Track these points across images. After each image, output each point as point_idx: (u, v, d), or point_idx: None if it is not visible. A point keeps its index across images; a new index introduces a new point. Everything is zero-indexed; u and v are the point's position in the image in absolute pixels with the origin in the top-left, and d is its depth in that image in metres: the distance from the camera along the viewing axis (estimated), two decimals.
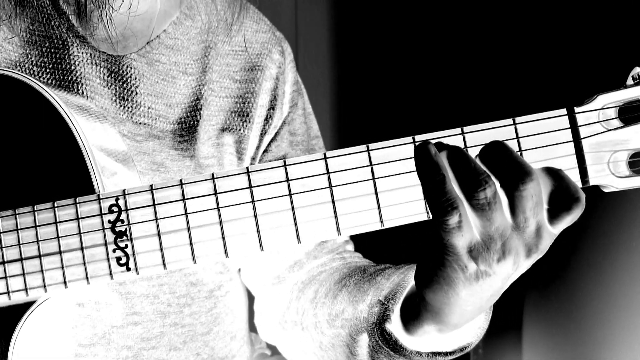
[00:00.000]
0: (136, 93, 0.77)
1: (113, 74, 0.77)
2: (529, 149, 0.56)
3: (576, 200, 0.52)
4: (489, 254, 0.53)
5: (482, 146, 0.54)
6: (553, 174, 0.53)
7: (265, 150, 0.86)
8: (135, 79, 0.77)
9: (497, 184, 0.52)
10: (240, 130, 0.83)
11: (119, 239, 0.60)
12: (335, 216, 0.57)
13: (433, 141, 0.55)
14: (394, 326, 0.64)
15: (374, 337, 0.67)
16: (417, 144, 0.53)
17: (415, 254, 0.77)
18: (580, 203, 0.52)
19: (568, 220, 0.53)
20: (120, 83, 0.77)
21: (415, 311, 0.60)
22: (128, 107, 0.77)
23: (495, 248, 0.53)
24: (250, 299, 0.91)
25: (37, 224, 0.61)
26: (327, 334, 0.74)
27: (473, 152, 0.56)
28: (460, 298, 0.55)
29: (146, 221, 0.60)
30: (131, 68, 0.77)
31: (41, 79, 0.74)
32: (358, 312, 0.70)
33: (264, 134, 0.85)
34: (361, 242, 0.89)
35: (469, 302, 0.56)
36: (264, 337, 0.89)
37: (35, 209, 0.61)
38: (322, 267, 0.82)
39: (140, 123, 0.77)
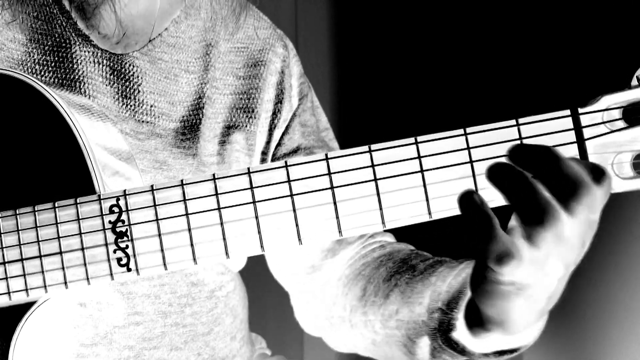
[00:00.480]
0: (139, 91, 0.77)
1: (115, 72, 0.77)
2: None
3: (603, 176, 0.52)
4: (537, 270, 0.52)
5: (482, 146, 0.54)
6: (595, 170, 0.52)
7: (279, 144, 0.85)
8: (138, 77, 0.77)
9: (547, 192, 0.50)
10: (246, 126, 0.83)
11: (119, 240, 0.60)
12: (337, 217, 0.57)
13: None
14: (460, 333, 0.63)
15: (436, 341, 0.66)
16: (467, 191, 0.50)
17: (431, 246, 0.76)
18: (608, 177, 0.51)
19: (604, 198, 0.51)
20: (123, 81, 0.77)
21: (479, 320, 0.59)
22: (130, 105, 0.77)
23: (545, 261, 0.52)
24: (251, 299, 0.91)
25: (38, 225, 0.61)
26: (380, 333, 0.74)
27: (477, 154, 0.56)
28: (517, 306, 0.54)
29: (147, 222, 0.59)
30: (133, 66, 0.77)
31: (43, 77, 0.74)
32: (415, 315, 0.69)
33: (273, 128, 0.85)
34: None
35: (529, 310, 0.55)
36: (308, 330, 0.88)
37: (36, 209, 0.61)
38: (364, 258, 0.81)
39: (142, 121, 0.77)
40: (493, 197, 0.54)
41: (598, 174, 0.52)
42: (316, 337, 0.88)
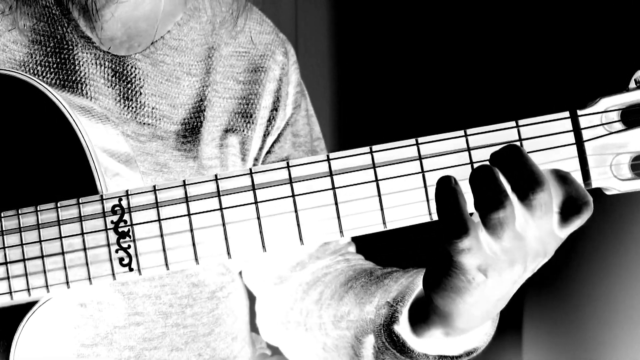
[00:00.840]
0: (140, 93, 0.77)
1: (117, 74, 0.77)
2: (532, 151, 0.56)
3: (585, 204, 0.52)
4: (497, 264, 0.53)
5: (482, 147, 0.54)
6: (562, 178, 0.53)
7: (268, 152, 0.86)
8: (140, 79, 0.78)
9: (509, 187, 0.52)
10: (243, 131, 0.83)
11: (121, 240, 0.60)
12: (338, 217, 0.58)
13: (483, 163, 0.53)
14: (402, 328, 0.64)
15: (380, 338, 0.67)
16: (444, 176, 0.52)
17: (415, 257, 0.77)
18: (589, 207, 0.52)
19: (577, 224, 0.53)
20: (125, 83, 0.77)
21: (424, 314, 0.60)
22: (132, 108, 0.77)
23: (503, 258, 0.53)
24: (252, 300, 0.91)
25: (40, 224, 0.61)
26: (332, 335, 0.74)
27: (477, 155, 0.56)
28: (467, 304, 0.55)
29: (149, 222, 0.60)
30: (135, 68, 0.78)
31: (45, 78, 0.74)
32: (364, 313, 0.70)
33: (266, 135, 0.85)
34: (361, 245, 0.89)
35: (476, 307, 0.56)
36: (266, 337, 0.89)
37: (38, 209, 0.62)
38: (327, 268, 0.83)
39: (144, 123, 0.77)
40: None
41: (560, 174, 0.53)
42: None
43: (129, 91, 0.77)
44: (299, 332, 0.80)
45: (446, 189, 0.52)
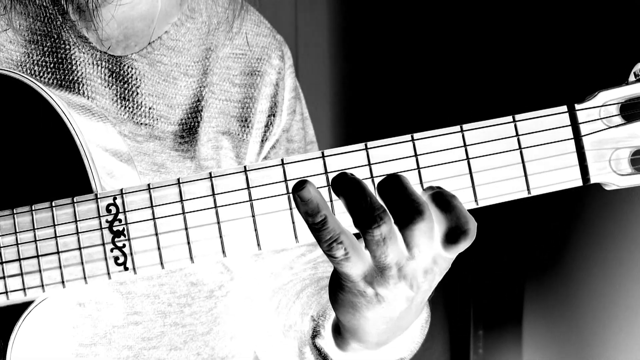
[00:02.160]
0: (137, 93, 0.77)
1: (114, 74, 0.77)
2: (529, 147, 0.55)
3: (464, 233, 0.52)
4: (384, 279, 0.53)
5: (479, 143, 0.54)
6: (444, 205, 0.52)
7: (265, 158, 0.86)
8: (137, 79, 0.77)
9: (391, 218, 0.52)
10: (239, 134, 0.83)
11: (116, 239, 0.60)
12: (333, 215, 0.57)
13: (342, 171, 0.54)
14: (326, 342, 0.66)
15: (312, 351, 0.69)
16: (297, 182, 0.52)
17: None
18: (469, 235, 0.52)
19: (461, 247, 0.53)
20: (122, 83, 0.77)
21: (339, 329, 0.62)
22: (129, 108, 0.77)
23: (390, 274, 0.53)
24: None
25: (35, 224, 0.61)
26: (284, 343, 0.76)
27: (473, 151, 0.56)
28: (368, 319, 0.56)
29: (144, 220, 0.59)
30: (132, 68, 0.77)
31: (42, 78, 0.74)
32: (303, 325, 0.72)
33: (264, 141, 0.85)
34: None
35: (380, 321, 0.56)
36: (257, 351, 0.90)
37: (33, 208, 0.61)
38: (293, 276, 0.83)
39: (141, 123, 0.77)
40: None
41: (443, 199, 0.53)
42: None
43: (126, 91, 0.77)
44: (263, 339, 0.82)
45: (302, 203, 0.52)
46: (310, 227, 0.52)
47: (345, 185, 0.52)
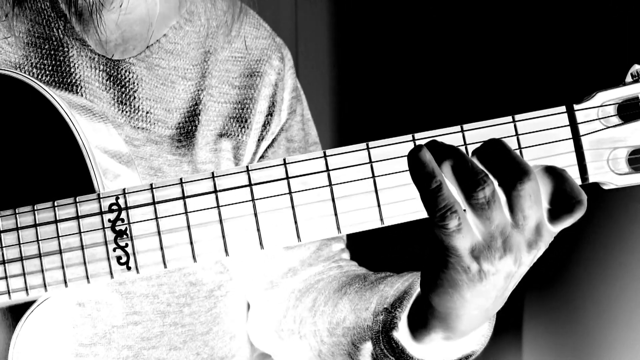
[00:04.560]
0: (135, 97, 0.77)
1: (112, 78, 0.77)
2: (529, 147, 0.56)
3: (578, 203, 0.52)
4: (490, 252, 0.53)
5: (481, 143, 0.54)
6: (556, 174, 0.53)
7: (262, 157, 0.85)
8: (134, 83, 0.77)
9: (495, 182, 0.52)
10: (238, 136, 0.82)
11: (119, 238, 0.60)
12: (336, 214, 0.57)
13: (428, 140, 0.54)
14: (401, 334, 0.64)
15: (379, 345, 0.66)
16: (414, 147, 0.52)
17: (411, 260, 0.77)
18: (582, 205, 0.52)
19: (569, 221, 0.52)
20: (119, 87, 0.77)
21: (423, 318, 0.59)
22: (126, 112, 0.77)
23: (496, 246, 0.53)
24: None
25: (37, 223, 0.61)
26: (327, 342, 0.74)
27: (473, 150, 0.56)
28: (465, 301, 0.55)
29: (146, 220, 0.60)
30: (130, 72, 0.77)
31: (41, 81, 0.74)
32: (361, 320, 0.69)
33: (260, 140, 0.85)
34: (356, 250, 0.89)
35: (475, 304, 0.55)
36: (258, 345, 0.88)
37: (36, 208, 0.61)
38: (320, 275, 0.82)
39: (138, 127, 0.77)
40: None
41: (557, 170, 0.52)
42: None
43: (124, 95, 0.77)
44: (293, 340, 0.80)
45: (422, 170, 0.52)
46: (424, 194, 0.51)
47: (445, 151, 0.52)
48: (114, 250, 0.60)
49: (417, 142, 0.57)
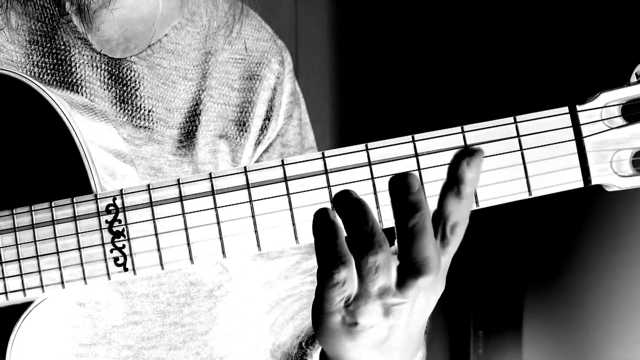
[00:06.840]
0: (136, 96, 0.77)
1: (113, 77, 0.76)
2: (530, 148, 0.55)
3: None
4: (367, 307, 0.53)
5: (479, 144, 0.54)
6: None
7: (257, 161, 0.85)
8: (136, 82, 0.77)
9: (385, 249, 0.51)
10: (236, 139, 0.82)
11: (116, 239, 0.60)
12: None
13: (343, 190, 0.52)
14: None
15: None
16: (319, 209, 0.51)
17: None
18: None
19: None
20: (121, 86, 0.77)
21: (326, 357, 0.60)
22: (128, 110, 0.76)
23: (375, 303, 0.52)
24: None
25: (35, 224, 0.61)
26: None
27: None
28: (347, 349, 0.55)
29: (143, 221, 0.59)
30: (131, 71, 0.77)
31: (42, 79, 0.74)
32: (292, 348, 0.71)
33: (257, 144, 0.85)
34: None
35: (362, 352, 0.55)
36: None
37: (33, 209, 0.61)
38: (291, 290, 0.82)
39: (140, 126, 0.77)
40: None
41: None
42: None
43: (125, 94, 0.77)
44: (254, 354, 0.82)
45: (324, 223, 0.51)
46: (320, 246, 0.51)
47: (349, 206, 0.51)
48: (111, 251, 0.60)
49: (417, 143, 0.56)
